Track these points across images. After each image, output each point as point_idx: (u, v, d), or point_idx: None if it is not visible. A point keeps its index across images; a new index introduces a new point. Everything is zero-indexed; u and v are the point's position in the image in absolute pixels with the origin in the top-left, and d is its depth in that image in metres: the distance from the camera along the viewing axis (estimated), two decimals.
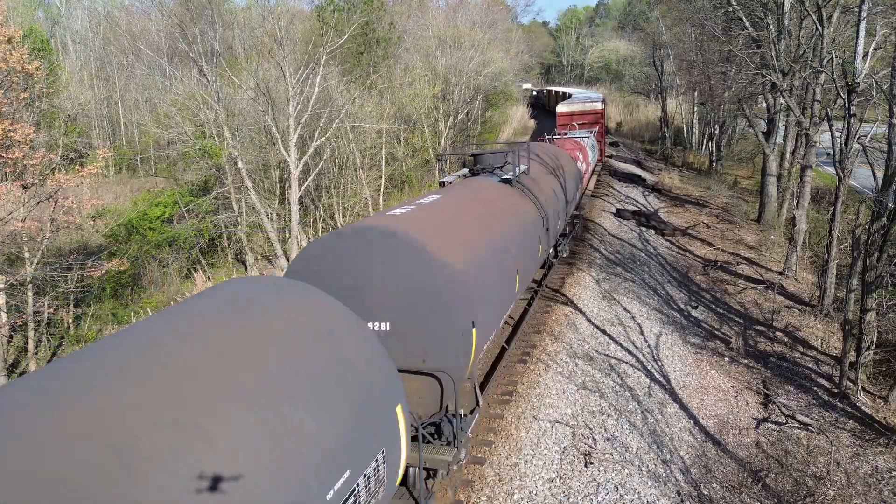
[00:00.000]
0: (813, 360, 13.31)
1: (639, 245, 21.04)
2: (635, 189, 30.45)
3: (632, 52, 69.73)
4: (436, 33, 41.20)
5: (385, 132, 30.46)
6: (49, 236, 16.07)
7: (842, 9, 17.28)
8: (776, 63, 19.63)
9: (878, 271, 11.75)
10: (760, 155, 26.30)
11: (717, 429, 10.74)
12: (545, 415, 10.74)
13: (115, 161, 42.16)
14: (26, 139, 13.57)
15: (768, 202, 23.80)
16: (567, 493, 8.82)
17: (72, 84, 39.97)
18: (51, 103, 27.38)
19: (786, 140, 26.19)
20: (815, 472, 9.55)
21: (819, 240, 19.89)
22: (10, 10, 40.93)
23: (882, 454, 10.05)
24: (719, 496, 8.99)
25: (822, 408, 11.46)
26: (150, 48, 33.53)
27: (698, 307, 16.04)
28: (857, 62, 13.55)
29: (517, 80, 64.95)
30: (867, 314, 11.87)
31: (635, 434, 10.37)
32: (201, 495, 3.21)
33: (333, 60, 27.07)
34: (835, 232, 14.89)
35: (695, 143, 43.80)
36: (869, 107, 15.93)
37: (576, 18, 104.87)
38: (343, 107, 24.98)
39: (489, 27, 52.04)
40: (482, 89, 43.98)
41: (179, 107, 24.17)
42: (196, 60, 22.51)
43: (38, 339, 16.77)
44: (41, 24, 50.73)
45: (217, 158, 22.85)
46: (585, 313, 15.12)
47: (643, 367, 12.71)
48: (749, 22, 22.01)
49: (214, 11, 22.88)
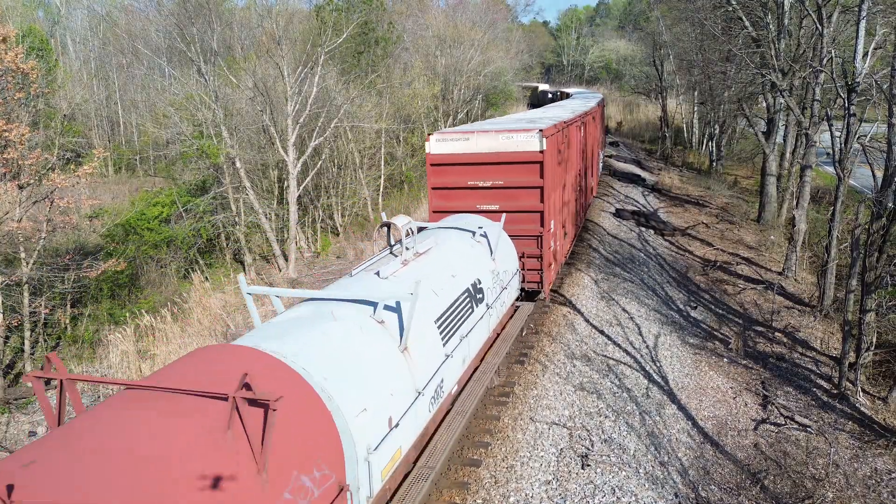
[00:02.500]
0: (812, 360, 13.23)
1: (638, 245, 20.96)
2: (635, 189, 30.37)
3: (632, 52, 69.71)
4: (435, 33, 41.11)
5: (384, 132, 30.38)
6: (45, 236, 16.01)
7: (842, 8, 17.21)
8: (776, 63, 19.55)
9: (878, 272, 11.67)
10: (760, 155, 26.23)
11: (715, 430, 10.66)
12: (542, 416, 10.67)
13: (115, 161, 42.11)
14: (21, 139, 13.50)
15: (768, 202, 23.72)
16: (564, 496, 8.75)
17: (69, 84, 39.93)
18: (48, 103, 27.33)
19: (786, 140, 26.12)
20: (814, 473, 9.48)
21: (819, 240, 19.80)
22: (9, 9, 40.97)
23: (881, 455, 9.98)
24: (717, 498, 8.92)
25: (821, 409, 11.39)
26: (149, 48, 33.46)
27: (697, 307, 15.97)
28: (856, 62, 13.47)
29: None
30: (867, 315, 11.79)
31: (633, 436, 10.30)
32: None
33: (332, 60, 27.00)
34: (834, 232, 14.81)
35: (695, 143, 43.70)
36: (869, 106, 15.87)
37: (576, 18, 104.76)
38: (342, 106, 24.91)
39: (489, 27, 51.91)
40: (482, 89, 43.88)
41: (177, 107, 24.10)
42: (194, 60, 22.45)
43: (34, 339, 16.71)
44: (41, 24, 50.69)
45: (215, 158, 22.78)
46: (584, 314, 15.05)
47: (641, 368, 12.63)
48: (749, 21, 21.93)
49: (212, 11, 22.80)
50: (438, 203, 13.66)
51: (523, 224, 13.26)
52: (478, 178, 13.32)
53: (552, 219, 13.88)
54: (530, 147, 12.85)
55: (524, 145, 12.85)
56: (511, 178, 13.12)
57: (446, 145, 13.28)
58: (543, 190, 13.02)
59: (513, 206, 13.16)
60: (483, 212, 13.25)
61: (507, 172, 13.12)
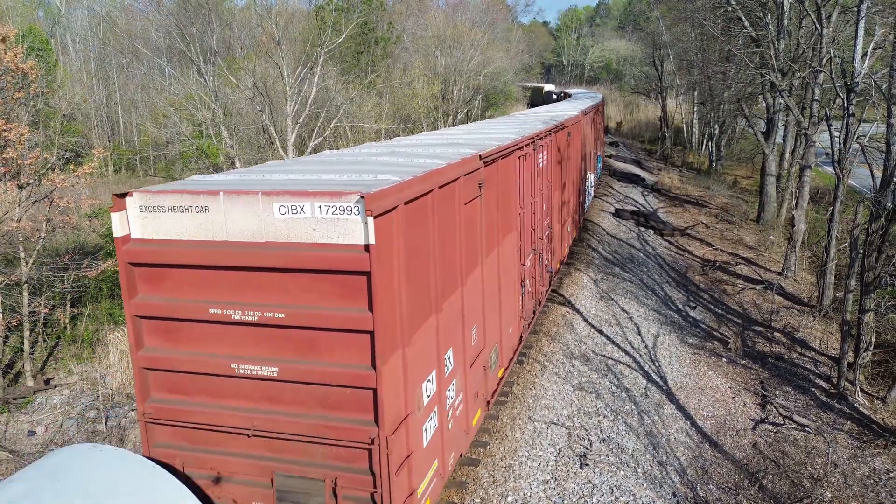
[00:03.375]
0: (811, 360, 13.24)
1: (637, 245, 20.97)
2: (634, 189, 30.39)
3: (632, 52, 69.73)
4: (435, 33, 41.11)
5: (384, 132, 30.40)
6: (45, 236, 16.01)
7: (841, 8, 17.22)
8: (775, 63, 19.56)
9: (877, 272, 11.68)
10: (760, 155, 26.23)
11: (714, 430, 10.67)
12: (541, 416, 10.68)
13: (114, 161, 42.11)
14: (21, 139, 13.51)
15: (767, 202, 23.73)
16: (562, 495, 8.76)
17: (69, 83, 39.96)
18: (48, 103, 27.34)
19: (785, 140, 26.12)
20: (813, 473, 9.48)
21: (818, 240, 19.81)
22: (9, 9, 41.01)
23: (880, 455, 9.98)
24: (716, 498, 8.93)
25: (819, 409, 11.40)
26: (149, 48, 33.50)
27: (696, 307, 15.98)
28: (856, 62, 13.48)
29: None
30: (865, 315, 11.80)
31: (632, 435, 10.30)
32: None
33: (332, 60, 27.01)
34: (833, 232, 14.82)
35: (694, 143, 43.71)
36: (868, 106, 15.88)
37: (576, 18, 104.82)
38: (341, 106, 24.93)
39: (489, 27, 51.93)
40: (482, 89, 43.89)
41: (177, 106, 24.13)
42: (194, 60, 22.47)
43: (34, 339, 16.71)
44: (41, 24, 50.73)
45: (215, 158, 22.82)
46: (583, 313, 15.06)
47: (640, 368, 12.64)
48: (748, 21, 21.94)
49: (212, 11, 22.84)
50: (149, 356, 6.11)
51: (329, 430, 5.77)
52: (228, 300, 5.80)
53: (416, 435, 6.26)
54: (344, 237, 5.44)
55: (328, 232, 5.46)
56: (303, 304, 5.66)
57: (163, 220, 5.83)
58: (375, 339, 5.48)
59: (307, 373, 5.75)
60: (248, 379, 5.91)
61: (294, 290, 5.67)
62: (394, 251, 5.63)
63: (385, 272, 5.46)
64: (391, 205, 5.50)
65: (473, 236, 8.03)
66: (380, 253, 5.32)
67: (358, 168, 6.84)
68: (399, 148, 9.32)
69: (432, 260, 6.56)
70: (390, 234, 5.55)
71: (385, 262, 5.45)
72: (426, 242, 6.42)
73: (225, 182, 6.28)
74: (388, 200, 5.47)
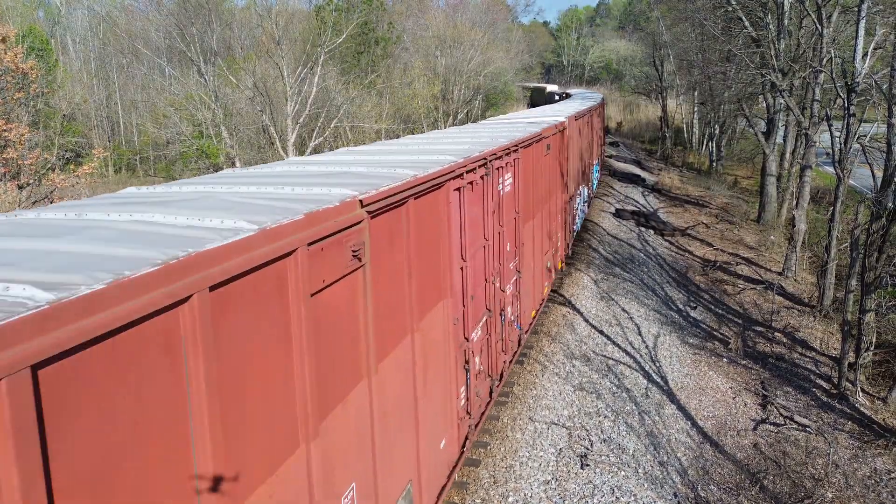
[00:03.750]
0: (812, 360, 13.24)
1: (638, 245, 20.97)
2: (635, 189, 30.38)
3: (632, 52, 69.76)
4: (435, 33, 41.13)
5: (384, 132, 30.40)
6: None
7: (841, 8, 17.21)
8: (776, 63, 19.56)
9: (878, 272, 11.67)
10: (760, 155, 26.24)
11: (714, 430, 10.66)
12: (541, 416, 10.67)
13: (114, 161, 42.12)
14: (21, 139, 13.51)
15: (768, 202, 23.73)
16: (563, 496, 8.75)
17: (69, 84, 39.95)
18: (48, 103, 27.33)
19: (785, 140, 26.12)
20: (814, 473, 9.48)
21: (818, 240, 19.81)
22: (9, 9, 40.99)
23: (881, 455, 9.98)
24: (716, 498, 8.92)
25: (820, 409, 11.39)
26: (149, 48, 33.51)
27: (697, 307, 15.97)
28: (856, 62, 13.48)
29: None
30: (866, 315, 11.79)
31: (632, 436, 10.30)
32: None
33: (332, 60, 27.01)
34: (834, 232, 14.82)
35: (695, 143, 43.73)
36: (868, 106, 15.88)
37: (576, 18, 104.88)
38: (342, 106, 24.93)
39: (489, 27, 51.97)
40: (482, 89, 43.92)
41: (177, 107, 24.13)
42: (194, 60, 22.48)
43: None
44: (41, 24, 50.73)
45: (215, 158, 22.82)
46: (583, 314, 15.05)
47: (641, 368, 12.64)
48: (749, 21, 21.94)
49: (212, 11, 22.85)
50: None
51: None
52: None
53: None
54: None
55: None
56: None
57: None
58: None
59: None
60: None
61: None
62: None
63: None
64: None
65: (343, 350, 4.59)
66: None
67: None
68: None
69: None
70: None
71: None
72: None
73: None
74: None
